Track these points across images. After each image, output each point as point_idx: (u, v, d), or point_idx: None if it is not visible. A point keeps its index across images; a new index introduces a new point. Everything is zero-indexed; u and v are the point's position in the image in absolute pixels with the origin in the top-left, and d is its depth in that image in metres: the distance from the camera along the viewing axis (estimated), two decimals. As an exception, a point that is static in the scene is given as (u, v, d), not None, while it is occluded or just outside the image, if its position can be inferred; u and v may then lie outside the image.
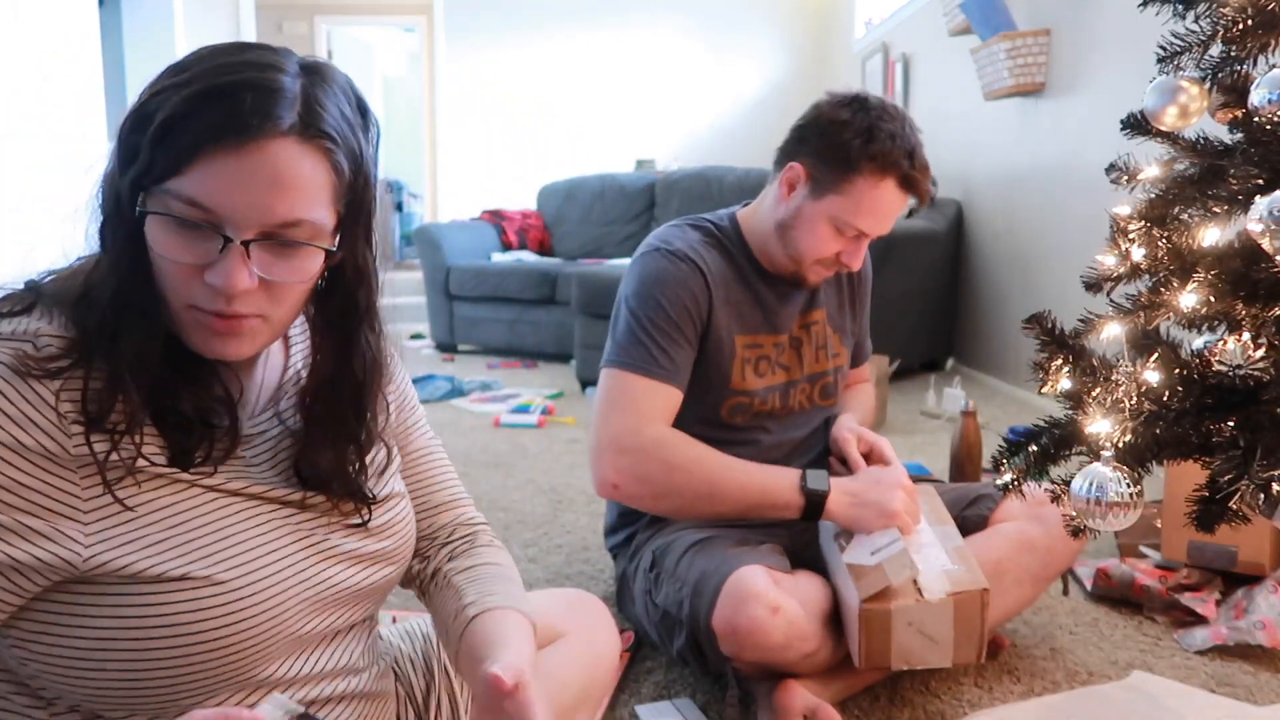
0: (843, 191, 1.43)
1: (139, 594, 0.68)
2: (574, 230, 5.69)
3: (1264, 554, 1.75)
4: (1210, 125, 1.14)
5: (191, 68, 0.68)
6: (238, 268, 0.67)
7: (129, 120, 0.68)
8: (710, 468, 1.40)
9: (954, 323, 4.53)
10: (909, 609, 1.28)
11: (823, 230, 1.46)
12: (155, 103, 0.67)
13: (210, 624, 0.70)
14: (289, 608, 0.75)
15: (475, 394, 3.99)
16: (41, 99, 3.16)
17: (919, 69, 5.03)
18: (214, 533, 0.72)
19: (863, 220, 1.45)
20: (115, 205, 0.69)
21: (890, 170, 1.41)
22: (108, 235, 0.71)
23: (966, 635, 1.30)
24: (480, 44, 6.99)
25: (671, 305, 1.46)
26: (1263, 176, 1.01)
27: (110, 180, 0.70)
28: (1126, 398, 1.08)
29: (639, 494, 1.43)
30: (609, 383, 1.46)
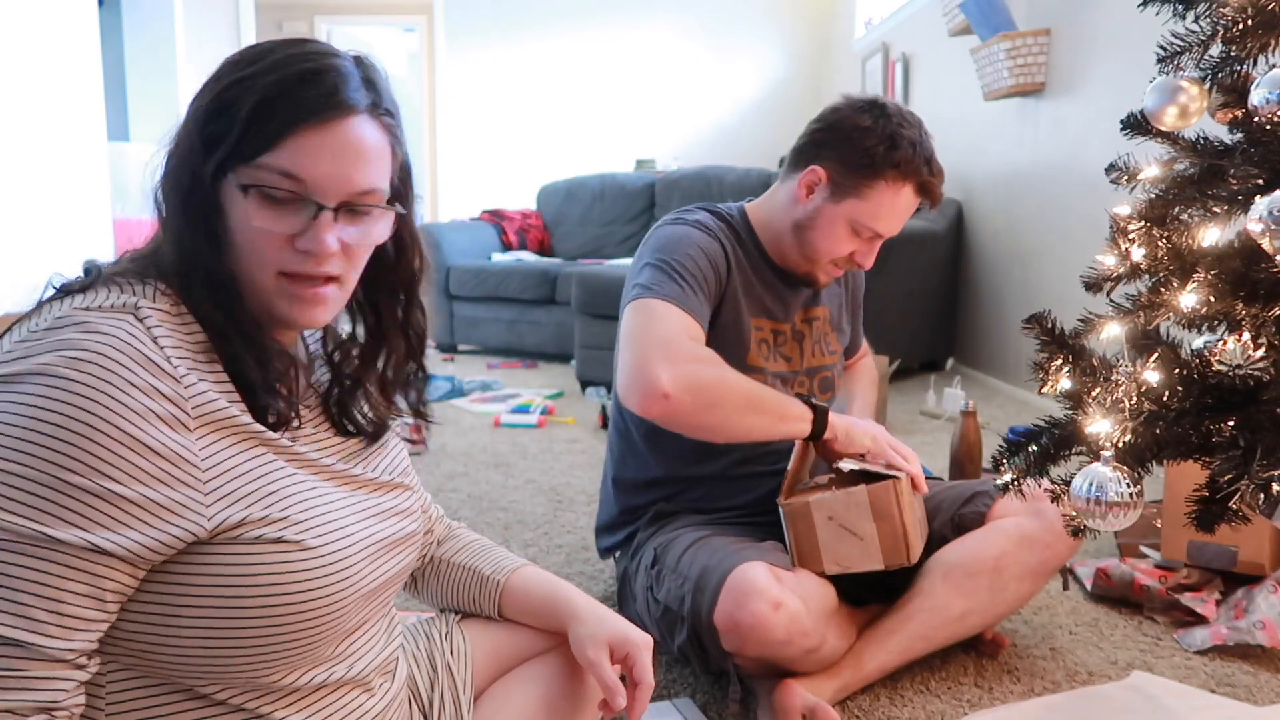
0: (863, 196, 1.47)
1: (241, 556, 0.71)
2: (574, 230, 5.69)
3: (1264, 554, 1.75)
4: (1210, 125, 1.14)
5: (265, 58, 0.74)
6: (328, 232, 0.74)
7: (206, 110, 0.74)
8: (746, 380, 1.40)
9: (954, 323, 4.53)
10: (825, 500, 1.37)
11: (840, 232, 1.50)
12: (237, 90, 0.73)
13: (300, 587, 0.74)
14: (357, 565, 0.80)
15: (475, 394, 3.99)
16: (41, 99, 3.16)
17: (919, 69, 5.03)
18: (297, 497, 0.76)
19: (880, 223, 1.49)
20: (193, 186, 0.74)
21: (911, 177, 1.46)
22: (181, 218, 0.75)
23: (889, 532, 1.34)
24: (480, 44, 6.98)
25: (697, 258, 1.47)
26: (1263, 176, 1.01)
27: (185, 166, 0.74)
28: (1126, 398, 1.08)
29: (689, 405, 1.34)
30: (642, 309, 1.41)
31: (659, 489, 1.61)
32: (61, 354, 0.65)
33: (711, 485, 1.58)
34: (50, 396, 0.64)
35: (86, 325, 0.67)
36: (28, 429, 0.64)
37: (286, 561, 0.73)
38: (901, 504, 1.34)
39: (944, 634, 1.45)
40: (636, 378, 1.34)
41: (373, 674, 0.87)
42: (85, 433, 0.64)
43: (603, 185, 5.66)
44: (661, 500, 1.60)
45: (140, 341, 0.68)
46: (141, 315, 0.69)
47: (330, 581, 0.76)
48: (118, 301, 0.70)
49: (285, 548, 0.73)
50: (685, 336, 1.39)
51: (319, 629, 0.76)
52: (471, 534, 1.10)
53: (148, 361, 0.68)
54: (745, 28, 6.92)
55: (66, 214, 3.24)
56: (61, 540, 0.64)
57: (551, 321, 4.84)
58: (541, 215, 5.91)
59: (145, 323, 0.69)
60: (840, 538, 1.37)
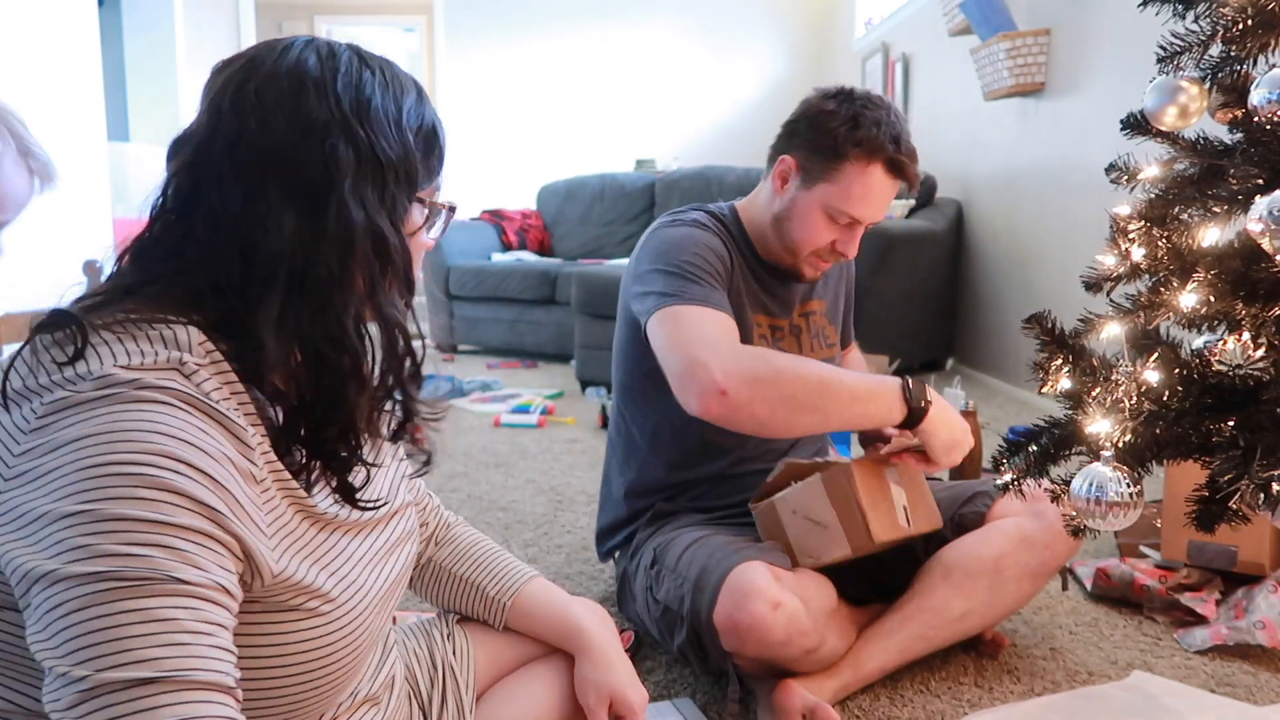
0: (832, 179, 1.46)
1: (273, 620, 0.69)
2: (574, 230, 5.69)
3: (1264, 554, 1.75)
4: (1210, 125, 1.14)
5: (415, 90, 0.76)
6: None
7: (419, 146, 0.75)
8: (814, 367, 1.35)
9: (954, 323, 4.53)
10: (787, 496, 1.40)
11: (816, 219, 1.49)
12: (422, 125, 0.75)
13: (329, 637, 0.72)
14: (373, 613, 0.79)
15: (475, 394, 3.99)
16: (41, 98, 3.16)
17: (919, 69, 5.03)
18: (324, 559, 0.74)
19: (854, 206, 1.47)
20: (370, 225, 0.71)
21: (877, 154, 1.44)
22: (343, 258, 0.70)
23: (848, 515, 1.35)
24: (480, 44, 6.98)
25: (706, 257, 1.46)
26: (1263, 176, 1.01)
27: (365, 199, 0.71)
28: (1126, 398, 1.08)
29: (750, 397, 1.28)
30: (675, 317, 1.38)
31: (661, 490, 1.61)
32: (123, 415, 0.60)
33: (713, 484, 1.59)
34: (136, 444, 0.59)
35: (138, 382, 0.62)
36: (128, 479, 0.58)
37: (313, 625, 0.71)
38: (856, 486, 1.33)
39: (944, 634, 1.45)
40: (690, 379, 1.31)
41: (379, 689, 0.87)
42: (188, 470, 0.60)
43: (603, 185, 5.66)
44: (661, 499, 1.60)
45: (198, 397, 0.64)
46: (188, 371, 0.64)
47: (352, 636, 0.75)
48: (160, 357, 0.64)
49: (312, 613, 0.71)
50: (728, 334, 1.37)
51: (339, 679, 0.76)
52: (469, 534, 1.09)
53: (212, 411, 0.64)
54: (745, 28, 6.92)
55: (66, 214, 3.24)
56: (189, 581, 0.59)
57: (551, 321, 4.84)
58: (541, 215, 5.91)
59: (194, 379, 0.65)
60: (807, 530, 1.39)
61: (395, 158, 0.72)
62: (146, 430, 0.60)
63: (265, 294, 0.68)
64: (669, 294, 1.40)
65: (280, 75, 0.70)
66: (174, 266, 0.69)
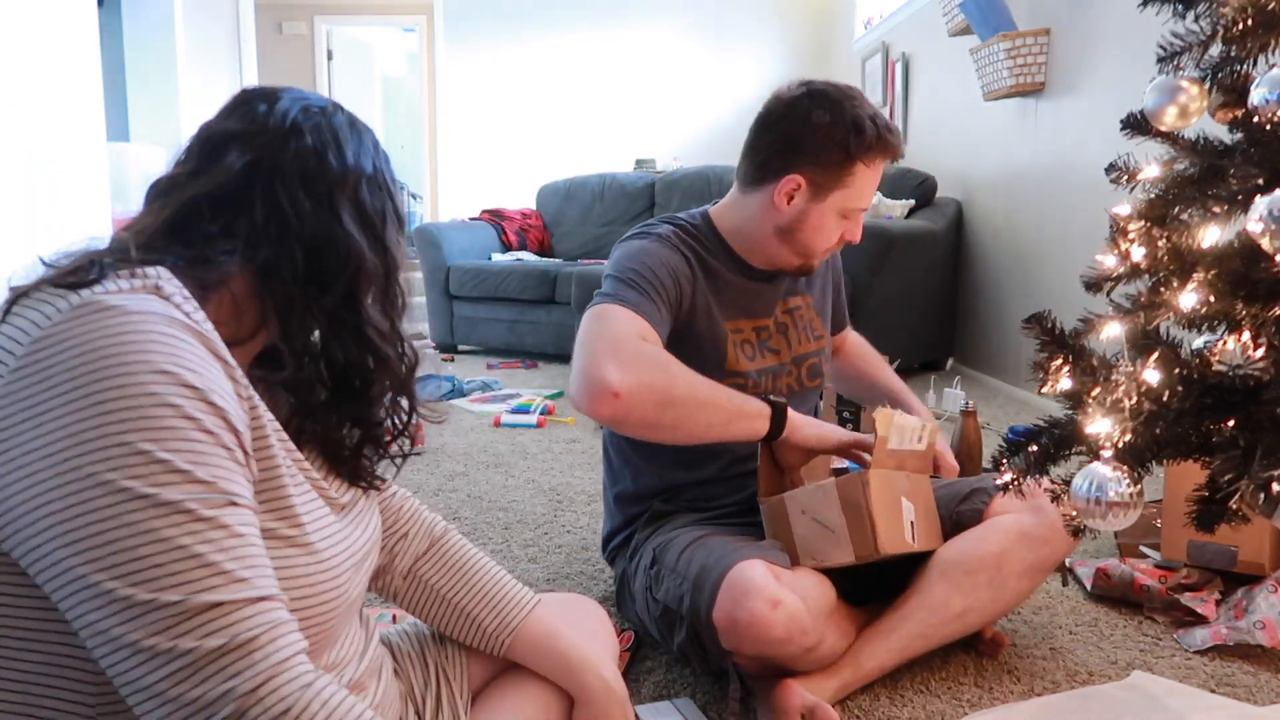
0: (845, 185, 1.50)
1: (274, 545, 0.71)
2: (574, 230, 5.69)
3: (1264, 554, 1.75)
4: (1210, 125, 1.14)
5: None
6: None
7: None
8: (696, 376, 1.37)
9: (954, 323, 4.53)
10: (798, 495, 1.41)
11: (831, 223, 1.54)
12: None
13: (305, 590, 0.74)
14: (348, 574, 0.80)
15: (475, 394, 3.99)
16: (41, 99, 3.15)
17: (919, 69, 5.03)
18: (303, 501, 0.76)
19: (865, 200, 1.54)
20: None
21: (880, 149, 1.50)
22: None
23: (857, 522, 1.35)
24: (480, 44, 6.98)
25: (656, 268, 1.48)
26: (1263, 176, 1.01)
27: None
28: (1126, 398, 1.08)
29: (640, 403, 1.30)
30: (597, 314, 1.40)
31: (657, 494, 1.61)
32: (110, 333, 0.63)
33: (708, 487, 1.59)
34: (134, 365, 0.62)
35: (120, 309, 0.64)
36: (129, 405, 0.61)
37: (294, 557, 0.73)
38: (869, 496, 1.34)
39: (943, 632, 1.45)
40: (585, 378, 1.30)
41: (364, 676, 0.87)
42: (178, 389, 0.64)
43: (602, 185, 5.66)
44: (659, 501, 1.60)
45: (178, 315, 0.67)
46: (165, 294, 0.68)
47: (329, 587, 0.76)
48: (135, 284, 0.68)
49: (295, 547, 0.73)
50: (636, 337, 1.37)
51: (313, 634, 0.76)
52: (460, 548, 1.05)
53: (194, 328, 0.68)
54: (745, 28, 6.92)
55: (66, 214, 3.24)
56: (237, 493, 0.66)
57: (551, 321, 4.84)
58: (541, 215, 5.91)
59: (172, 300, 0.68)
60: (814, 531, 1.40)
61: (404, 214, 0.88)
62: (146, 354, 0.63)
63: (336, 293, 0.78)
64: (605, 293, 1.44)
65: (340, 120, 0.83)
66: (207, 238, 0.75)
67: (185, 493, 0.61)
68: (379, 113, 8.83)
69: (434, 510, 2.40)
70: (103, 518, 0.60)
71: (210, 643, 0.60)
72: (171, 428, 0.62)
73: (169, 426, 0.62)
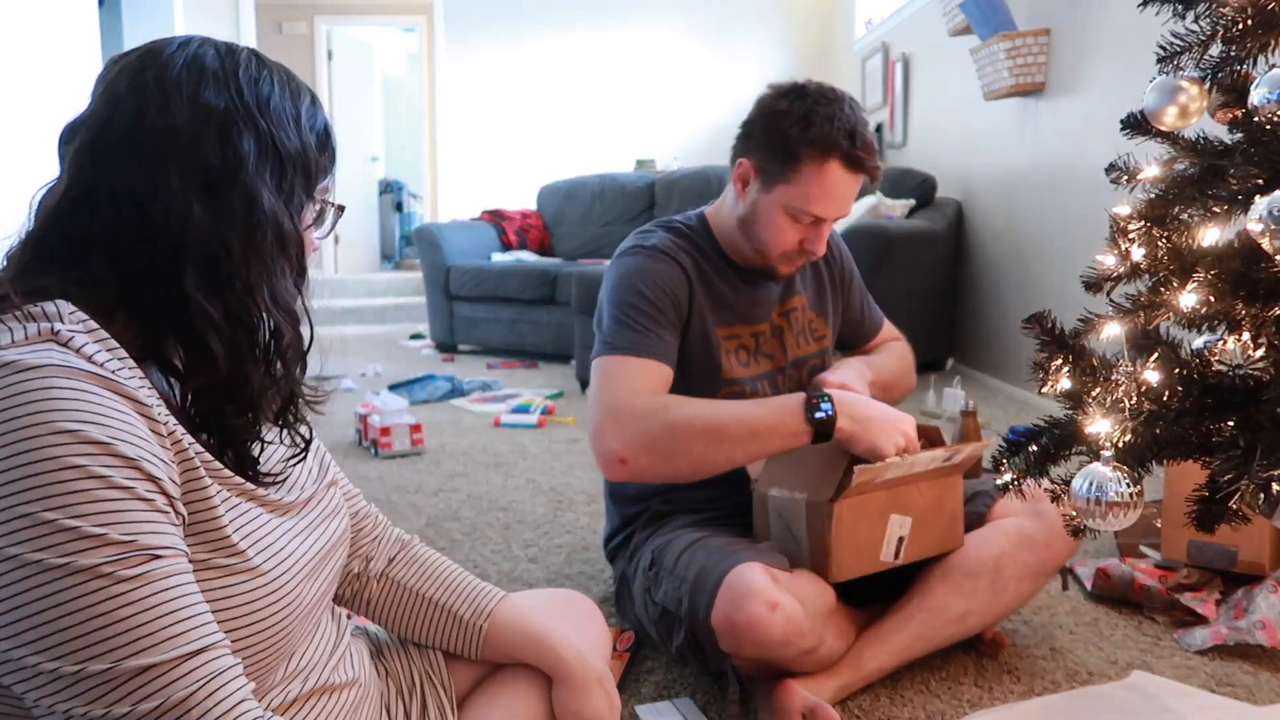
0: (790, 180, 1.45)
1: (200, 572, 0.68)
2: (574, 230, 5.69)
3: (1264, 554, 1.75)
4: (1210, 125, 1.14)
5: None
6: None
7: (316, 145, 0.78)
8: (711, 413, 1.38)
9: (954, 323, 4.53)
10: (778, 498, 1.40)
11: (779, 221, 1.48)
12: (315, 126, 0.79)
13: (247, 610, 0.72)
14: (299, 585, 0.78)
15: (475, 394, 3.99)
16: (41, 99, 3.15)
17: (919, 69, 5.03)
18: (239, 520, 0.73)
19: (814, 205, 1.46)
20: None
21: (832, 152, 1.43)
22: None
23: (817, 545, 1.35)
24: (480, 44, 6.98)
25: (653, 292, 1.48)
26: (1263, 176, 1.01)
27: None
28: (1126, 398, 1.08)
29: (649, 462, 1.37)
30: (599, 370, 1.45)
31: (656, 497, 1.61)
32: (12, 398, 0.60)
33: (707, 489, 1.58)
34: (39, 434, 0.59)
35: (17, 365, 0.61)
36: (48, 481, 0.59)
37: (234, 585, 0.70)
38: (831, 527, 1.32)
39: (944, 634, 1.45)
40: (594, 447, 1.42)
41: (332, 675, 0.86)
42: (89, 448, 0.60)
43: (603, 185, 5.66)
44: (659, 502, 1.60)
45: (79, 364, 0.63)
46: (63, 339, 0.64)
47: (275, 604, 0.74)
48: (30, 331, 0.64)
49: (234, 575, 0.70)
50: (635, 392, 1.40)
51: (265, 653, 0.75)
52: (430, 554, 1.06)
53: (98, 375, 0.64)
54: (745, 28, 6.92)
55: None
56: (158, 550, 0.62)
57: (551, 321, 4.84)
58: (541, 215, 5.91)
59: (71, 344, 0.64)
60: (784, 537, 1.41)
61: (295, 151, 0.74)
62: (46, 415, 0.59)
63: (172, 274, 0.69)
64: (606, 342, 1.46)
65: (180, 65, 0.71)
66: (76, 251, 0.69)
67: (101, 556, 0.59)
68: (379, 113, 8.83)
69: (434, 510, 2.41)
70: (15, 593, 0.57)
71: (144, 707, 0.59)
72: (77, 490, 0.59)
73: (74, 490, 0.59)
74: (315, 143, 0.78)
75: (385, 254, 9.15)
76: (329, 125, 0.81)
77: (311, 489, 0.85)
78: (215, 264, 0.70)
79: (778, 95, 1.48)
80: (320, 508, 0.86)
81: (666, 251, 1.53)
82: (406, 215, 9.37)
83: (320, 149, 0.79)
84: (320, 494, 0.87)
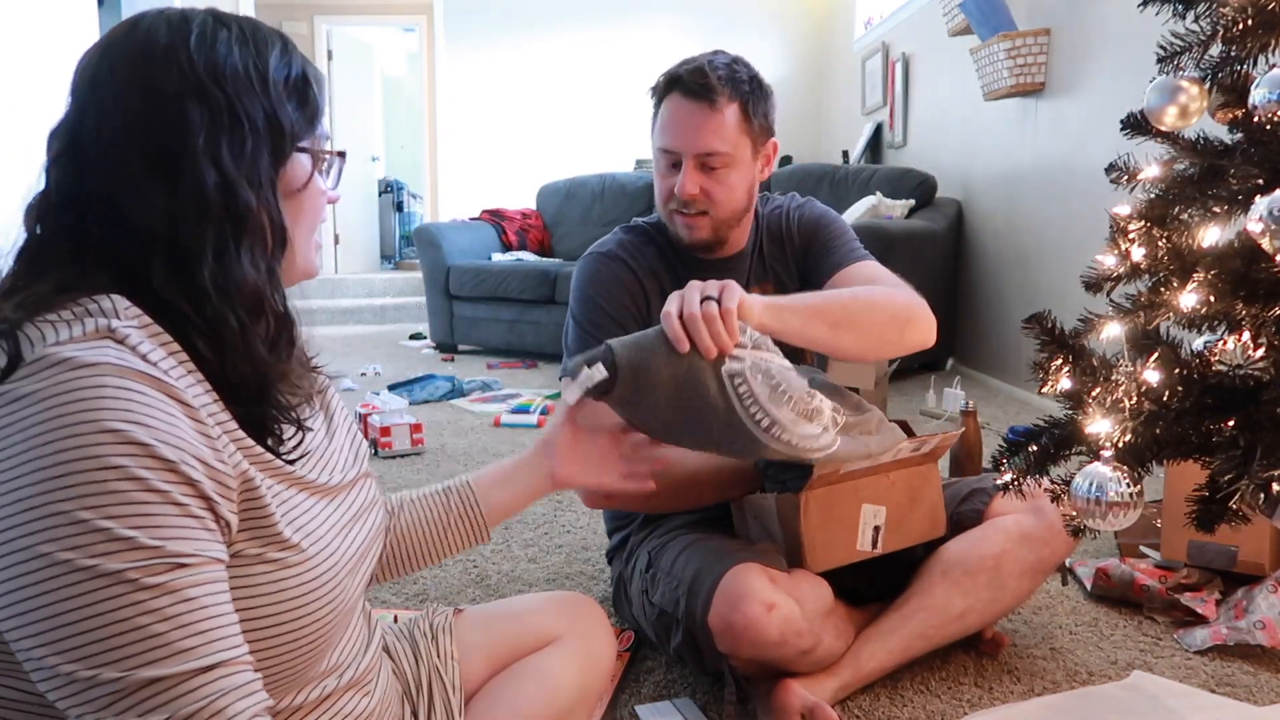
0: (653, 129, 1.54)
1: (245, 573, 0.69)
2: (574, 230, 5.69)
3: (1264, 554, 1.75)
4: (1210, 125, 1.14)
5: None
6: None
7: (291, 97, 0.75)
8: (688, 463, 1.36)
9: (954, 323, 4.52)
10: (752, 500, 1.44)
11: (657, 175, 1.55)
12: (289, 76, 0.76)
13: (301, 590, 0.73)
14: (345, 579, 0.79)
15: (475, 394, 3.99)
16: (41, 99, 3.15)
17: (919, 69, 5.03)
18: (288, 505, 0.74)
19: (664, 139, 1.50)
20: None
21: (671, 87, 1.50)
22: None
23: (791, 539, 1.37)
24: (480, 44, 6.98)
25: (608, 303, 1.53)
26: (1263, 176, 1.01)
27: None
28: (1126, 398, 1.08)
29: (621, 502, 1.45)
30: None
31: None
32: (67, 395, 0.60)
33: None
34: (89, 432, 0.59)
35: (73, 361, 0.61)
36: (97, 469, 0.59)
37: (287, 578, 0.72)
38: (800, 519, 1.34)
39: (944, 633, 1.45)
40: None
41: (366, 673, 0.87)
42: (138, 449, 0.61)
43: (602, 185, 5.66)
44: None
45: (133, 364, 0.64)
46: (120, 337, 0.65)
47: (324, 594, 0.75)
48: (89, 328, 0.64)
49: (286, 569, 0.71)
50: None
51: (312, 645, 0.75)
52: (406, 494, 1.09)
53: (150, 376, 0.64)
54: (745, 28, 6.92)
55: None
56: (189, 557, 0.62)
57: (551, 321, 4.84)
58: (541, 215, 5.91)
59: (128, 343, 0.65)
60: (762, 537, 1.42)
61: (258, 114, 0.72)
62: (94, 414, 0.60)
63: (147, 265, 0.68)
64: (570, 355, 1.47)
65: (131, 50, 0.70)
66: (70, 254, 0.69)
67: (128, 561, 0.59)
68: (379, 113, 8.83)
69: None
70: (43, 592, 0.58)
71: (151, 719, 0.59)
72: (114, 491, 0.59)
73: (111, 490, 0.59)
74: (289, 96, 0.74)
75: (385, 254, 9.15)
76: (308, 69, 0.77)
77: (351, 475, 0.86)
78: (179, 247, 0.68)
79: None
80: (360, 498, 0.86)
81: (619, 254, 1.57)
82: (406, 215, 9.37)
83: (298, 101, 0.75)
84: (359, 483, 0.87)
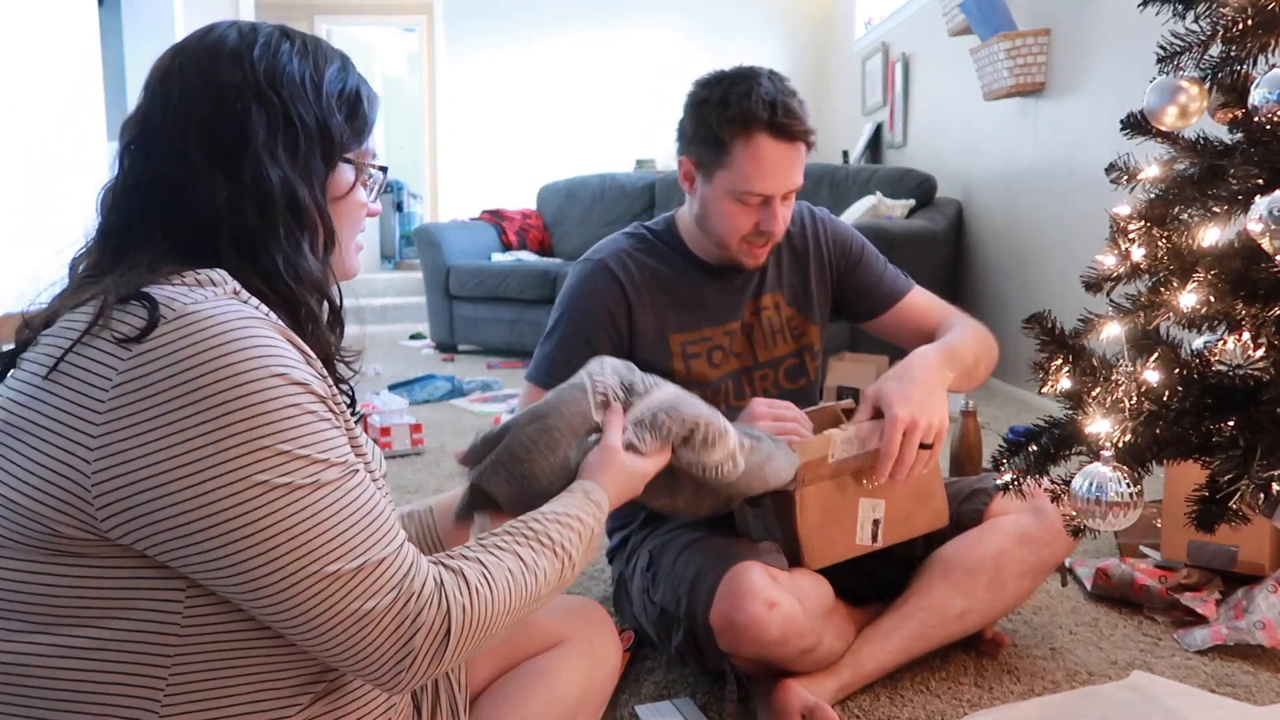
0: (725, 165, 1.44)
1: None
2: (574, 230, 5.68)
3: (1264, 554, 1.75)
4: (1210, 125, 1.14)
5: None
6: None
7: (342, 110, 0.83)
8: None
9: (954, 323, 4.53)
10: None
11: (729, 208, 1.46)
12: (344, 90, 0.83)
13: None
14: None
15: (475, 394, 3.99)
16: (41, 99, 3.16)
17: (919, 69, 5.03)
18: (365, 448, 0.82)
19: (755, 184, 1.43)
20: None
21: (754, 126, 1.40)
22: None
23: (789, 535, 1.36)
24: (480, 44, 6.98)
25: (584, 316, 1.51)
26: (1263, 176, 1.01)
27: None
28: (1126, 398, 1.08)
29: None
30: (521, 395, 1.53)
31: None
32: (216, 336, 0.67)
33: None
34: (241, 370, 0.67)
35: (223, 320, 0.69)
36: (263, 401, 0.67)
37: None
38: (797, 515, 1.34)
39: (944, 632, 1.45)
40: None
41: None
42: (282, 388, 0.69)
43: (603, 185, 5.66)
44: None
45: (263, 316, 0.72)
46: (245, 298, 0.73)
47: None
48: (217, 291, 0.72)
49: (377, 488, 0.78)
50: None
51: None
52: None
53: (279, 327, 0.73)
54: (745, 28, 6.92)
55: (66, 214, 3.24)
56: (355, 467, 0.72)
57: (551, 322, 4.84)
58: (541, 215, 5.91)
59: (250, 303, 0.73)
60: (763, 535, 1.41)
61: (311, 121, 0.78)
62: (248, 359, 0.68)
63: (215, 248, 0.75)
64: (534, 360, 1.55)
65: (201, 51, 0.77)
66: (143, 235, 0.76)
67: (337, 472, 0.70)
68: (379, 112, 8.81)
69: (434, 510, 2.40)
70: (272, 511, 0.67)
71: (386, 599, 0.70)
72: (299, 424, 0.69)
73: (297, 423, 0.69)
74: (343, 108, 0.81)
75: (385, 254, 9.15)
76: (362, 87, 0.83)
77: (381, 471, 0.89)
78: (243, 236, 0.75)
79: (699, 87, 1.48)
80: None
81: (610, 265, 1.53)
82: (406, 215, 9.36)
83: (350, 114, 0.81)
84: (384, 485, 0.90)
